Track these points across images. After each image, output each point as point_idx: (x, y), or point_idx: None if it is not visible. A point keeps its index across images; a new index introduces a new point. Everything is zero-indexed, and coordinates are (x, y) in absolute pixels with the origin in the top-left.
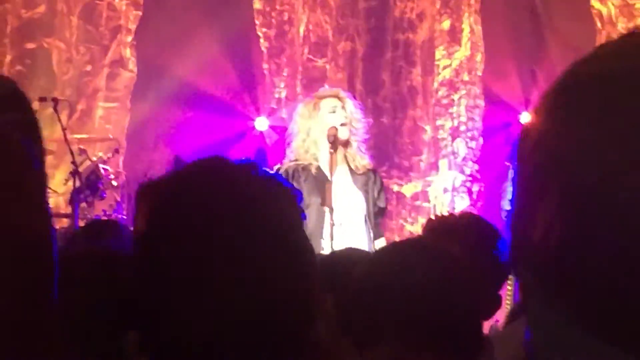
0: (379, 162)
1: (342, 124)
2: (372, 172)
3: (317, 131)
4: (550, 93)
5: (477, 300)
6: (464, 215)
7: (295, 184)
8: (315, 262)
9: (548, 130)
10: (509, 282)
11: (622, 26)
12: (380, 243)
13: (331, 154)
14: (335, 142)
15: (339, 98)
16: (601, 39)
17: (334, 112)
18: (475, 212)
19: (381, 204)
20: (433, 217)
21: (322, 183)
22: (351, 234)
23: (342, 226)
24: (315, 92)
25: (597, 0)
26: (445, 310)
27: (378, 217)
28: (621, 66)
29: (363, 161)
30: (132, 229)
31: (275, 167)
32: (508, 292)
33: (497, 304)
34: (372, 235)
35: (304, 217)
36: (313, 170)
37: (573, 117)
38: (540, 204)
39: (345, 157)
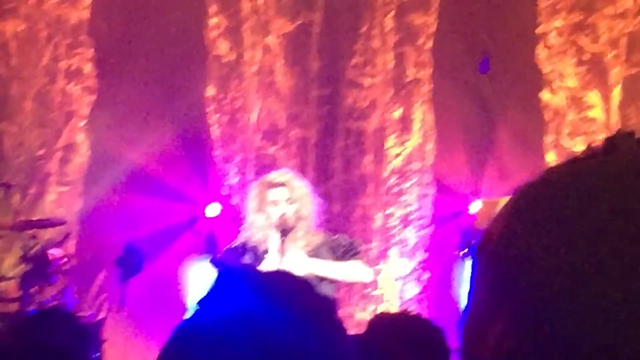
0: None
1: (287, 213)
2: (327, 245)
3: (262, 220)
4: (504, 213)
5: None
6: (406, 314)
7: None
8: None
9: (504, 249)
10: None
11: (570, 118)
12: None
13: (282, 241)
14: (282, 230)
15: (288, 186)
16: (549, 129)
17: (277, 204)
18: (425, 300)
19: (347, 243)
20: (376, 316)
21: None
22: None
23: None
24: (265, 177)
25: (546, 92)
26: None
27: (348, 256)
28: (570, 191)
29: (312, 242)
30: (78, 316)
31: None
32: None
33: None
34: None
35: None
36: (261, 252)
37: (526, 239)
38: (495, 315)
39: (295, 240)
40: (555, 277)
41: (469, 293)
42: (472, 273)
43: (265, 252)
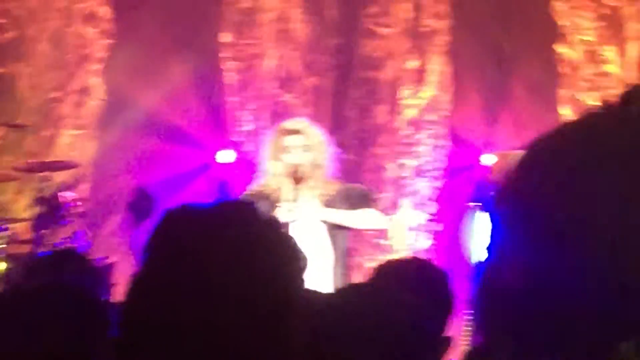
0: None
1: (302, 161)
2: (343, 193)
3: (276, 167)
4: (521, 166)
5: (426, 343)
6: (413, 260)
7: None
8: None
9: (520, 201)
10: (466, 324)
11: (586, 72)
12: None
13: (296, 189)
14: (297, 178)
15: (303, 133)
16: (564, 83)
17: (291, 152)
18: (435, 251)
19: (362, 192)
20: (382, 262)
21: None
22: (312, 267)
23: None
24: (281, 124)
25: (562, 46)
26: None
27: (363, 205)
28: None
29: (327, 190)
30: (90, 259)
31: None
32: (465, 333)
33: (446, 345)
34: (340, 258)
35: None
36: (274, 199)
37: (541, 192)
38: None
39: (310, 189)
40: (569, 228)
41: (489, 247)
42: (491, 225)
43: (279, 200)
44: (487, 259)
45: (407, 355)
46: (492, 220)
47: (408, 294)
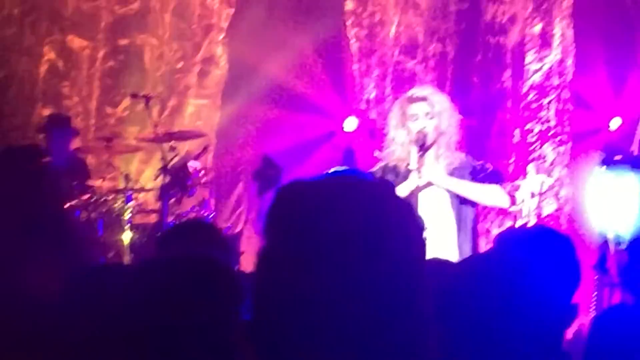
0: None
1: (426, 129)
2: (468, 166)
3: (403, 135)
4: None
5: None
6: (536, 227)
7: None
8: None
9: None
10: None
11: None
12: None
13: (419, 157)
14: (423, 146)
15: (428, 100)
16: None
17: (417, 119)
18: (562, 216)
19: (487, 169)
20: (503, 231)
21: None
22: (436, 237)
23: (427, 230)
24: (406, 93)
25: None
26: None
27: (488, 181)
28: None
29: (453, 160)
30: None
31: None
32: (593, 299)
33: (574, 313)
34: (468, 228)
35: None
36: (402, 170)
37: None
38: None
39: (435, 157)
40: None
41: None
42: None
43: (407, 168)
44: None
45: (539, 325)
46: None
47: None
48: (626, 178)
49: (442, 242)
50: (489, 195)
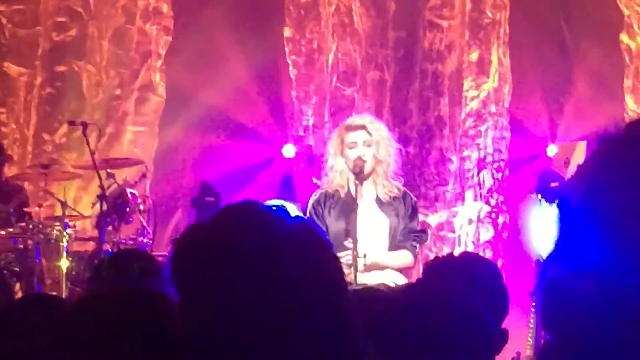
0: None
1: (364, 157)
2: (403, 198)
3: (341, 163)
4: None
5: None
6: (464, 255)
7: (325, 211)
8: (354, 310)
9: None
10: (531, 316)
11: None
12: (400, 253)
13: (356, 185)
14: (360, 174)
15: (367, 129)
16: (629, 73)
17: (354, 147)
18: (499, 243)
19: (411, 225)
20: (429, 260)
21: (349, 209)
22: (375, 264)
23: (366, 257)
24: (345, 121)
25: (625, 35)
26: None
27: (409, 236)
28: None
29: (390, 188)
30: (158, 259)
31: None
32: (530, 324)
33: (504, 339)
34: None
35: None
36: (342, 196)
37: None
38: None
39: (373, 184)
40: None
41: (556, 244)
42: (559, 221)
43: (346, 195)
44: (554, 256)
45: (468, 351)
46: (560, 217)
47: (463, 290)
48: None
49: (378, 265)
50: (399, 261)
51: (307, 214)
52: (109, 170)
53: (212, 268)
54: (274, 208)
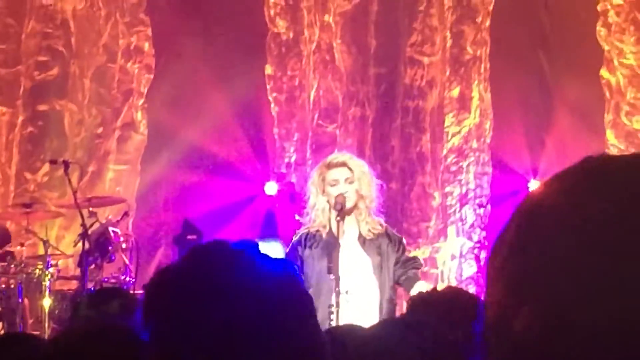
0: None
1: (346, 194)
2: (386, 234)
3: (323, 201)
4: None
5: None
6: (447, 290)
7: (307, 251)
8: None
9: (523, 243)
10: None
11: (631, 96)
12: (420, 285)
13: (338, 222)
14: (341, 210)
15: (348, 165)
16: (610, 108)
17: (335, 184)
18: (482, 278)
19: (404, 257)
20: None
21: (331, 247)
22: (358, 301)
23: (349, 294)
24: (325, 159)
25: (605, 70)
26: None
27: (408, 265)
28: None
29: (373, 225)
30: (138, 297)
31: (294, 237)
32: None
33: None
34: (386, 295)
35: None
36: (324, 235)
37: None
38: (518, 307)
39: (356, 221)
40: (577, 273)
41: (487, 285)
42: (489, 264)
43: (328, 234)
44: (484, 300)
45: None
46: (489, 259)
47: (444, 326)
48: None
49: (365, 304)
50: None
51: (288, 255)
52: (91, 208)
53: (178, 309)
54: (245, 248)
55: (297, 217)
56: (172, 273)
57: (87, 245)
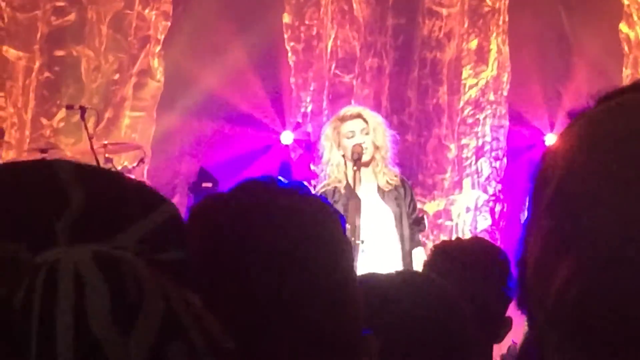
0: None
1: (364, 144)
2: (402, 185)
3: (338, 156)
4: (571, 143)
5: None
6: (473, 240)
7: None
8: (359, 299)
9: (568, 186)
10: None
11: None
12: (419, 252)
13: (355, 171)
14: (358, 160)
15: (362, 117)
16: (628, 62)
17: (352, 136)
18: (497, 231)
19: (414, 215)
20: (439, 242)
21: (352, 202)
22: (377, 251)
23: (367, 243)
24: (338, 112)
25: (625, 24)
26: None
27: (415, 228)
28: None
29: (390, 176)
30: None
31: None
32: None
33: (507, 326)
34: (406, 247)
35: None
36: (342, 190)
37: (594, 177)
38: (559, 259)
39: (373, 173)
40: (625, 219)
41: (526, 232)
42: (531, 210)
43: (345, 188)
44: (522, 247)
45: (468, 339)
46: (530, 205)
47: (469, 273)
48: None
49: (387, 255)
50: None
51: None
52: (107, 155)
53: (231, 232)
54: (293, 187)
55: (312, 166)
56: (223, 198)
57: None
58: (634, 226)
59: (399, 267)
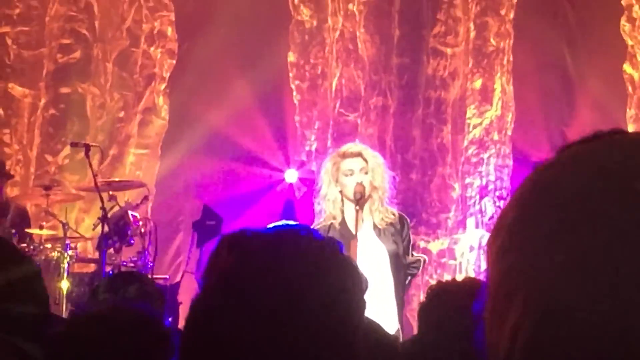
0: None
1: (362, 182)
2: (399, 222)
3: (335, 192)
4: (516, 197)
5: None
6: (466, 281)
7: None
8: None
9: (513, 236)
10: None
11: None
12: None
13: (357, 211)
14: (361, 199)
15: (363, 156)
16: (632, 103)
17: (351, 174)
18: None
19: (409, 260)
20: (435, 283)
21: (346, 240)
22: (375, 292)
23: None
24: (339, 149)
25: (629, 65)
26: None
27: (407, 273)
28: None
29: (386, 214)
30: (154, 279)
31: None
32: None
33: None
34: (400, 292)
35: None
36: (337, 226)
37: (540, 238)
38: (510, 303)
39: (369, 211)
40: (565, 267)
41: (485, 280)
42: (487, 259)
43: (343, 226)
44: (481, 297)
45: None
46: (486, 255)
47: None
48: None
49: (382, 294)
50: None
51: None
52: (111, 192)
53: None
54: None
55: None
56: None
57: (106, 229)
58: (571, 274)
59: (394, 309)
